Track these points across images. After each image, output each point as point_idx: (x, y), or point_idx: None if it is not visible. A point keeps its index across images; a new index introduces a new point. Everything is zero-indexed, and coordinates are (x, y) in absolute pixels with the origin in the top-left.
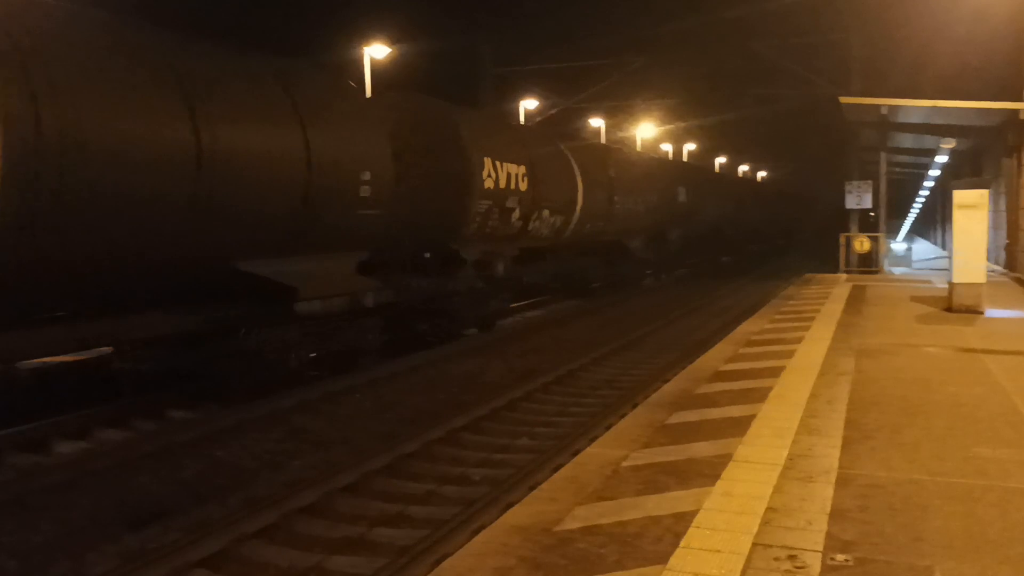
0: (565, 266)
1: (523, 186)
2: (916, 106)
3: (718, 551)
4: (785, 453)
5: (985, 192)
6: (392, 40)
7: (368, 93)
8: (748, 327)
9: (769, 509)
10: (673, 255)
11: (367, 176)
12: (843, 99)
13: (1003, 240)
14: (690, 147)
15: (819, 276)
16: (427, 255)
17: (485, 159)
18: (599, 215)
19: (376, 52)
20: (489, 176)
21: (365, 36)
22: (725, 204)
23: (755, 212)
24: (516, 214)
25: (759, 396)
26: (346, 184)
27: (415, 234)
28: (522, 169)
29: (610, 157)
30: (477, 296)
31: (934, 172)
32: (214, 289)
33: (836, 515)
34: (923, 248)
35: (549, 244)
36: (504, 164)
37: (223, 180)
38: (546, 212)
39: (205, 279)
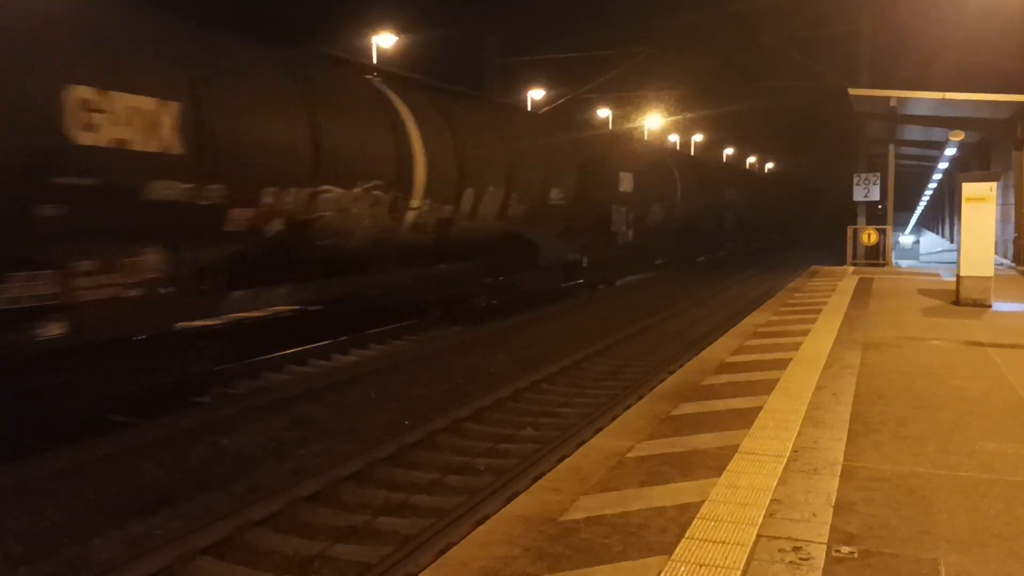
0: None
1: (644, 187)
2: (925, 98)
3: (723, 542)
4: (790, 445)
5: (994, 185)
6: (399, 29)
7: None
8: (754, 319)
9: (774, 501)
10: (723, 236)
11: (566, 183)
12: (851, 90)
13: (1012, 233)
14: (697, 138)
15: (826, 268)
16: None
17: (621, 172)
18: (687, 206)
19: (384, 41)
20: (624, 182)
21: (373, 25)
22: (757, 200)
23: (778, 206)
24: (640, 205)
25: (764, 388)
26: (560, 193)
27: (584, 218)
28: (643, 175)
29: (692, 165)
30: (609, 263)
31: (942, 165)
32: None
33: (841, 507)
34: (931, 241)
35: (657, 225)
36: (632, 173)
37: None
38: (657, 204)
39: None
